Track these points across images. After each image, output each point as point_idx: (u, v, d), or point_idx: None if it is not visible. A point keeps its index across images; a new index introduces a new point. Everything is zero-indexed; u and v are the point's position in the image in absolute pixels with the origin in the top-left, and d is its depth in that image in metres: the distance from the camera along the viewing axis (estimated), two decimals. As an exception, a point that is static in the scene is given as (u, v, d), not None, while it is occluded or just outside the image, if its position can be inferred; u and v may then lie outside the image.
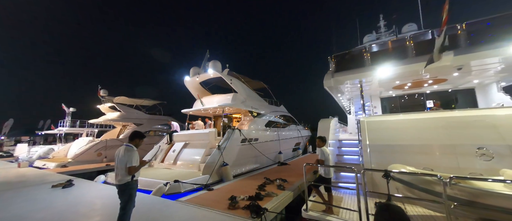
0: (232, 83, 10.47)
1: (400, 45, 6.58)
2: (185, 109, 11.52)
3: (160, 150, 10.16)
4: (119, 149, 3.13)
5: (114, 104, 16.91)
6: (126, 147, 3.07)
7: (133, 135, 3.24)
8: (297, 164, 10.35)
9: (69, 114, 20.61)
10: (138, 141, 3.24)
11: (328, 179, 4.00)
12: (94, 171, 11.35)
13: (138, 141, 3.25)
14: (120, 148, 3.15)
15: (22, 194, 5.76)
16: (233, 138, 8.39)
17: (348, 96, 11.00)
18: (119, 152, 3.07)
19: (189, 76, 11.25)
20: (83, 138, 16.94)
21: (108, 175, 7.93)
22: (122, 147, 3.12)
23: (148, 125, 18.06)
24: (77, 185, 6.62)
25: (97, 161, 13.59)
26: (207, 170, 7.11)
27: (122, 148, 3.09)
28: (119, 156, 3.00)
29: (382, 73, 6.30)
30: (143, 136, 3.37)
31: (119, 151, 3.08)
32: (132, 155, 2.99)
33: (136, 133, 3.28)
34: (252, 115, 11.51)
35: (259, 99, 12.59)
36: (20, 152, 18.45)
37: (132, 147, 3.12)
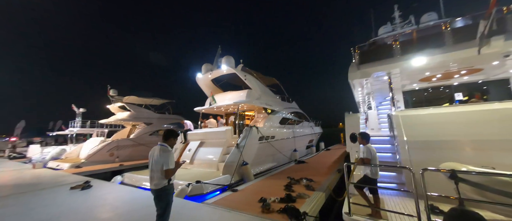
0: (246, 80, 10.12)
1: (436, 32, 6.08)
2: (197, 107, 11.26)
3: (175, 149, 9.94)
4: (153, 150, 2.83)
5: (123, 103, 16.82)
6: (161, 147, 2.76)
7: (168, 134, 2.93)
8: (315, 162, 9.98)
9: (79, 114, 20.69)
10: (173, 141, 2.94)
11: (375, 180, 3.62)
12: (109, 171, 11.26)
13: (173, 140, 2.95)
14: (154, 148, 2.85)
15: (41, 196, 5.59)
16: (251, 136, 8.07)
17: (366, 91, 10.52)
18: (153, 153, 2.77)
19: (201, 73, 10.94)
20: (94, 138, 16.95)
21: (125, 176, 7.74)
22: (157, 147, 2.81)
23: (157, 124, 17.93)
24: (95, 187, 6.43)
25: (109, 161, 13.53)
26: (228, 170, 6.82)
27: (156, 148, 2.79)
28: (154, 158, 2.70)
29: (417, 63, 5.82)
30: (177, 135, 3.06)
31: (153, 152, 2.78)
32: (169, 156, 2.69)
33: (171, 131, 2.97)
34: (266, 112, 11.16)
35: (273, 95, 12.21)
36: (33, 153, 18.60)
37: (167, 147, 2.82)
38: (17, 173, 9.64)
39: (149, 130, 16.96)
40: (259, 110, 12.05)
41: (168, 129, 3.05)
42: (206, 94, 11.90)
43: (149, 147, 12.67)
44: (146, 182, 7.05)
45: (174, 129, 3.08)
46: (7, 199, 5.42)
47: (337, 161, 10.12)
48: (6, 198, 5.55)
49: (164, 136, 2.94)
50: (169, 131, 2.97)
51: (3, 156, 21.09)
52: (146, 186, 6.91)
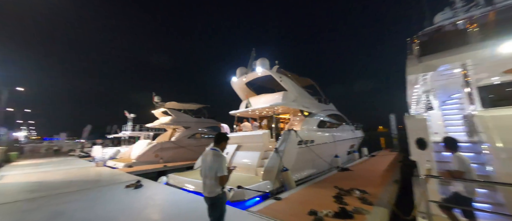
0: (282, 81, 9.77)
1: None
2: (232, 111, 11.37)
3: (212, 153, 10.16)
4: (205, 154, 2.72)
5: (166, 109, 18.32)
6: (214, 152, 2.63)
7: (219, 137, 2.79)
8: (362, 170, 8.88)
9: (130, 119, 23.46)
10: (224, 144, 2.79)
11: (470, 200, 2.80)
12: (155, 171, 12.22)
13: (224, 144, 2.80)
14: (206, 153, 2.74)
15: (102, 193, 6.23)
16: (290, 140, 7.62)
17: (424, 88, 8.96)
18: (206, 157, 2.65)
19: (236, 77, 11.04)
20: (142, 141, 18.87)
21: (169, 177, 8.16)
22: (209, 151, 2.69)
23: (195, 128, 18.95)
24: (145, 186, 6.89)
25: (154, 161, 14.75)
26: (268, 175, 6.52)
27: (209, 152, 2.66)
28: (208, 163, 2.57)
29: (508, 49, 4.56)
30: (228, 138, 2.89)
31: (205, 157, 2.66)
32: (222, 161, 2.53)
33: (222, 135, 2.82)
34: (303, 115, 10.54)
35: (309, 97, 11.53)
36: (96, 153, 21.73)
37: (219, 151, 2.67)
38: (84, 170, 11.22)
39: (187, 133, 18.03)
40: (295, 112, 11.50)
41: (220, 133, 2.90)
42: (241, 97, 11.95)
43: (188, 150, 13.37)
44: (188, 184, 7.27)
45: (225, 133, 2.88)
46: (76, 194, 6.20)
47: (389, 169, 8.81)
48: (76, 193, 6.35)
49: (216, 140, 2.80)
50: (221, 134, 2.83)
51: (74, 155, 25.32)
52: (188, 187, 7.13)
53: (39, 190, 6.69)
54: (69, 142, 38.64)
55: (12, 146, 22.96)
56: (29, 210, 4.86)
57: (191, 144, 17.52)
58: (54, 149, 29.43)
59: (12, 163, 16.18)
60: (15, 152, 20.57)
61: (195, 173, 8.52)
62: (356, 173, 8.27)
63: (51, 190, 6.65)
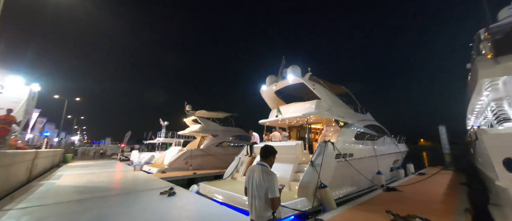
0: (315, 89, 9.21)
1: None
2: (261, 120, 11.11)
3: (241, 162, 9.94)
4: (251, 170, 2.42)
5: (196, 117, 19.07)
6: (262, 168, 2.30)
7: (267, 151, 2.46)
8: (414, 191, 7.56)
9: (164, 126, 25.11)
10: (273, 159, 2.46)
11: None
12: (185, 178, 12.53)
13: (273, 159, 2.47)
14: (252, 168, 2.43)
15: (140, 198, 6.42)
16: (327, 153, 6.92)
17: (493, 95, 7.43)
18: (252, 174, 2.34)
19: (266, 85, 10.85)
20: (174, 147, 19.83)
21: (200, 186, 8.13)
22: (257, 167, 2.37)
23: (222, 136, 19.21)
24: (178, 194, 6.93)
25: (185, 168, 15.21)
26: (304, 192, 5.94)
27: (256, 168, 2.35)
28: (255, 180, 2.25)
29: None
30: (276, 152, 2.55)
31: (252, 173, 2.35)
32: (274, 180, 2.19)
33: (270, 148, 2.49)
34: (339, 125, 9.69)
35: (344, 106, 10.65)
36: (134, 157, 23.63)
37: (268, 167, 2.34)
38: (124, 173, 12.06)
39: (215, 141, 18.34)
40: (328, 122, 10.69)
41: (267, 145, 2.56)
42: (270, 106, 11.67)
43: (216, 158, 13.44)
44: (218, 194, 7.10)
45: (272, 146, 2.47)
46: (117, 198, 6.50)
47: (450, 193, 7.33)
48: (117, 197, 6.68)
49: (263, 154, 2.48)
50: (268, 147, 2.49)
51: (116, 158, 27.96)
52: (218, 198, 6.95)
53: (86, 192, 7.26)
54: (112, 146, 43.21)
55: (68, 148, 26.49)
56: (77, 211, 5.19)
57: (218, 153, 17.74)
58: (100, 152, 33.07)
59: (68, 164, 18.50)
60: (71, 154, 23.61)
61: (225, 183, 8.35)
62: (407, 195, 7.04)
63: (96, 192, 7.16)
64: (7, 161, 6.88)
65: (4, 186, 6.95)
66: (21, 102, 12.46)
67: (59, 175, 11.40)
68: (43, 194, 7.02)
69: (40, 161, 11.34)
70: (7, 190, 7.17)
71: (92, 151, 34.54)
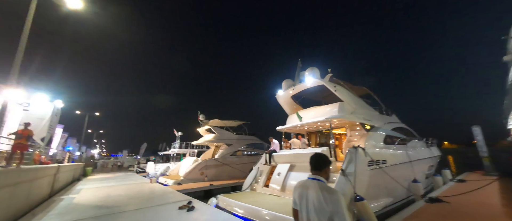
0: (336, 91, 8.60)
1: None
2: (279, 126, 10.58)
3: (260, 172, 9.39)
4: (303, 187, 1.85)
5: (209, 126, 18.91)
6: (321, 185, 1.76)
7: (322, 160, 1.91)
8: (464, 202, 6.53)
9: (178, 137, 25.26)
10: (328, 171, 1.93)
11: None
12: (202, 190, 12.12)
13: (329, 172, 1.94)
14: (304, 184, 1.86)
15: (159, 215, 6.07)
16: (359, 161, 6.22)
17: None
18: (305, 193, 1.79)
19: (282, 90, 10.40)
20: (189, 158, 19.67)
21: (219, 199, 7.66)
22: (311, 183, 1.82)
23: (236, 145, 18.80)
24: (197, 208, 6.51)
25: (200, 179, 14.86)
26: (337, 205, 5.26)
27: (311, 185, 1.79)
28: (313, 201, 1.70)
29: None
30: (331, 162, 2.02)
31: (305, 192, 1.80)
32: (341, 201, 1.65)
33: (324, 158, 1.95)
34: (365, 129, 8.92)
35: (369, 108, 9.86)
36: (150, 169, 23.79)
37: (325, 182, 1.82)
38: (140, 186, 11.91)
39: (230, 151, 17.95)
40: (352, 127, 9.93)
41: (319, 154, 2.00)
42: (287, 112, 11.15)
43: (231, 167, 12.97)
44: (237, 208, 6.62)
45: (326, 155, 1.77)
46: (136, 214, 6.19)
47: (508, 204, 6.24)
48: (135, 212, 6.38)
49: (316, 164, 1.92)
50: (322, 156, 1.95)
51: (132, 170, 28.39)
52: (238, 212, 6.47)
53: (105, 207, 7.06)
54: (129, 159, 44.31)
55: (89, 162, 27.35)
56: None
57: (233, 162, 17.28)
58: (118, 165, 33.88)
59: (88, 177, 18.90)
60: (90, 167, 24.29)
61: (244, 195, 7.82)
62: (460, 208, 6.05)
63: (114, 207, 6.93)
64: (30, 177, 6.89)
65: (27, 202, 6.94)
66: (46, 118, 12.99)
67: (79, 189, 11.47)
68: (63, 210, 6.90)
69: (62, 175, 11.52)
70: (29, 205, 7.16)
71: (110, 163, 35.50)
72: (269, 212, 5.60)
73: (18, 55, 6.47)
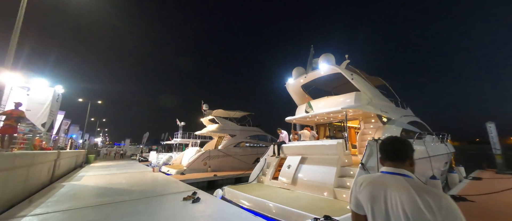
0: (353, 80, 7.97)
1: None
2: (288, 117, 10.06)
3: (267, 164, 8.96)
4: (380, 186, 1.23)
5: (213, 116, 18.47)
6: (414, 184, 1.14)
7: (406, 147, 1.29)
8: (491, 201, 6.04)
9: (181, 127, 24.95)
10: (414, 163, 1.36)
11: None
12: (205, 180, 11.83)
13: (414, 163, 1.37)
14: (382, 182, 1.25)
15: (162, 205, 5.69)
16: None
17: None
18: (384, 194, 1.19)
19: (293, 78, 9.78)
20: (192, 148, 19.39)
21: (225, 190, 7.27)
22: (395, 180, 1.20)
23: (240, 136, 18.41)
24: (203, 200, 6.12)
25: (203, 169, 14.58)
26: (357, 201, 4.80)
27: (396, 184, 1.18)
28: (403, 208, 1.09)
29: None
30: (414, 150, 1.45)
31: (383, 193, 1.19)
32: (455, 208, 1.02)
33: (408, 144, 1.38)
34: (381, 121, 8.36)
35: (385, 99, 9.26)
36: (152, 158, 23.67)
37: (414, 178, 1.26)
38: (143, 175, 11.63)
39: (233, 141, 17.58)
40: (366, 119, 9.36)
41: (400, 140, 1.37)
42: (297, 102, 10.59)
43: (234, 158, 12.55)
44: (244, 200, 6.26)
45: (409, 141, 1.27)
46: (138, 204, 5.82)
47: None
48: (137, 202, 6.00)
49: (397, 152, 1.30)
50: (405, 142, 1.35)
51: (135, 158, 28.37)
52: (244, 204, 6.11)
53: (106, 195, 6.72)
54: (131, 147, 44.48)
55: (92, 149, 27.33)
56: (96, 219, 4.55)
57: (237, 153, 16.96)
58: (120, 153, 33.94)
59: (91, 164, 18.78)
60: (93, 154, 24.23)
61: (251, 188, 7.42)
62: (486, 207, 5.57)
63: (116, 196, 6.59)
64: (26, 162, 6.52)
65: (25, 187, 6.61)
66: (46, 103, 12.60)
67: (80, 176, 11.21)
68: (62, 197, 6.56)
69: (63, 162, 11.24)
70: (28, 190, 6.85)
71: (112, 152, 35.61)
72: (279, 206, 5.19)
73: (14, 37, 5.96)
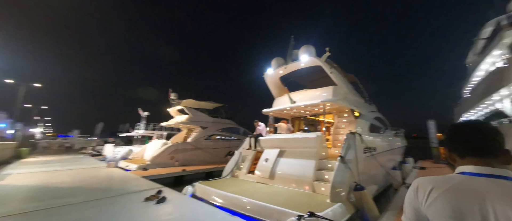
0: (332, 73, 8.00)
1: None
2: (265, 109, 9.69)
3: (242, 158, 8.50)
4: (470, 194, 0.77)
5: (182, 107, 16.98)
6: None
7: (501, 136, 0.96)
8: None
9: (144, 117, 22.38)
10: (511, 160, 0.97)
11: None
12: (172, 176, 10.72)
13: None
14: (474, 190, 0.78)
15: (118, 209, 4.68)
16: (358, 147, 5.80)
17: None
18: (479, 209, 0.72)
19: (272, 69, 9.39)
20: (156, 141, 17.51)
21: (196, 187, 6.54)
22: (497, 187, 0.77)
23: (212, 129, 17.44)
24: (169, 199, 5.30)
25: (170, 164, 13.29)
26: (337, 196, 4.73)
27: (501, 192, 0.75)
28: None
29: None
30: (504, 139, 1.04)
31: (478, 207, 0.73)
32: None
33: (499, 132, 1.01)
34: (354, 116, 8.70)
35: (357, 95, 9.69)
36: (107, 152, 20.72)
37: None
38: (94, 171, 9.88)
39: (205, 134, 16.54)
40: (340, 113, 9.67)
41: (487, 125, 1.00)
42: (274, 94, 10.30)
43: (206, 152, 11.72)
44: (218, 197, 5.70)
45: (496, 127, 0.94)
46: (84, 207, 4.67)
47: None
48: (83, 205, 4.83)
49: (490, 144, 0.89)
50: (495, 129, 0.99)
51: (85, 152, 24.53)
52: (218, 202, 5.56)
53: (40, 199, 5.27)
54: (81, 140, 38.42)
55: (24, 141, 22.45)
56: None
57: (208, 146, 16.04)
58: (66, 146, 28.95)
59: (22, 160, 15.31)
60: (27, 148, 19.91)
61: (225, 183, 6.87)
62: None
63: (53, 199, 5.22)
64: None
65: None
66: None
67: (5, 174, 8.86)
68: (-32, 204, 4.88)
69: (-24, 157, 8.67)
70: None
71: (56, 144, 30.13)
72: (258, 203, 4.78)
73: None
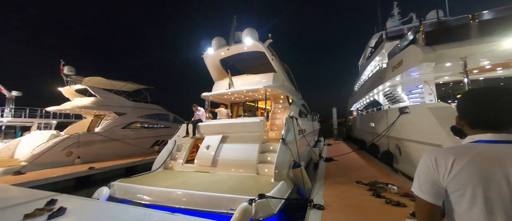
0: (273, 61, 8.23)
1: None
2: (204, 92, 8.83)
3: (177, 147, 7.45)
4: (488, 160, 0.76)
5: (85, 86, 12.74)
6: None
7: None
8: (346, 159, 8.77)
9: (11, 99, 15.12)
10: None
11: None
12: (72, 178, 7.91)
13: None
14: (495, 156, 0.75)
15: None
16: (295, 130, 6.36)
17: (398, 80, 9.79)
18: (500, 175, 0.72)
19: (213, 49, 8.52)
20: (37, 132, 12.30)
21: (114, 187, 5.08)
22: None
23: (132, 115, 14.33)
24: (71, 210, 3.76)
25: (66, 163, 9.85)
26: (280, 175, 5.00)
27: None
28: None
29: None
30: None
31: (499, 173, 0.73)
32: None
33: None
34: (289, 102, 9.54)
35: (290, 83, 10.64)
36: None
37: None
38: None
39: (122, 122, 13.34)
40: (276, 99, 10.33)
41: (506, 89, 1.03)
42: (214, 77, 9.56)
43: (124, 143, 9.73)
44: (142, 194, 4.74)
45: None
46: None
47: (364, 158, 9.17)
48: None
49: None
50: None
51: None
52: (142, 199, 4.63)
53: None
54: None
55: None
56: None
57: (127, 136, 13.12)
58: None
59: None
60: None
61: (156, 177, 5.79)
62: (346, 163, 8.04)
63: None
64: None
65: None
66: None
67: None
68: None
69: None
70: None
71: None
72: (203, 194, 4.28)
73: None
